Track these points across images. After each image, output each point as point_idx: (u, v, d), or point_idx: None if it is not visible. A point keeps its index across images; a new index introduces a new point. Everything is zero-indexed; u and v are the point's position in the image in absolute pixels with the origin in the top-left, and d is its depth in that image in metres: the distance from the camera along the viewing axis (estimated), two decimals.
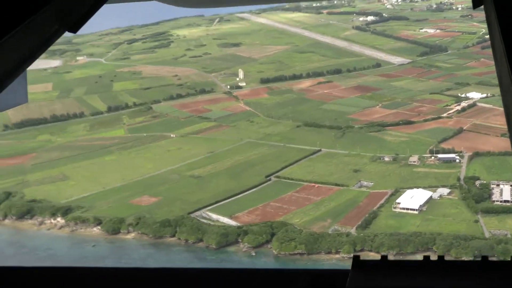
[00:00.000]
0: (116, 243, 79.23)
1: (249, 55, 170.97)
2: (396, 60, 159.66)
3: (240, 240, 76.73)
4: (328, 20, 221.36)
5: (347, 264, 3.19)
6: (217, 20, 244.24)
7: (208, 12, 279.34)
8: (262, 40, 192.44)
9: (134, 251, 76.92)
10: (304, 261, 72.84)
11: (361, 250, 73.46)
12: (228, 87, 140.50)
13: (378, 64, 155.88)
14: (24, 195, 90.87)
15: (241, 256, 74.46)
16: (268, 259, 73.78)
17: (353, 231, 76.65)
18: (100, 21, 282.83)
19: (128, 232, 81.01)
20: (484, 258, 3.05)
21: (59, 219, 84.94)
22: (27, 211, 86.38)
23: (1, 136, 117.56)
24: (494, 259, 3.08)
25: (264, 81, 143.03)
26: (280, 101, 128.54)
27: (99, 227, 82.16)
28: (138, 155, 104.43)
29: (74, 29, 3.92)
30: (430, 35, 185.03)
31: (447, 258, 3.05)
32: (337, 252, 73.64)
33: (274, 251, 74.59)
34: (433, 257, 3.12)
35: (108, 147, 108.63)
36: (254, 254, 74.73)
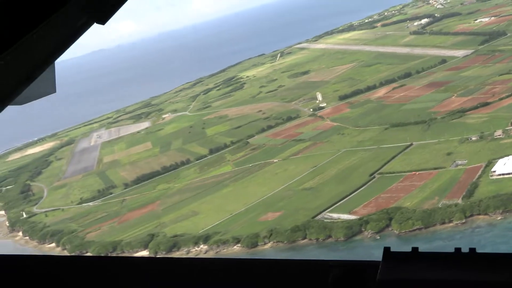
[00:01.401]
0: (257, 254, 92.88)
1: (321, 79, 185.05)
2: (459, 53, 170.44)
3: (363, 229, 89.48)
4: (384, 32, 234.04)
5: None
6: (278, 55, 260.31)
7: (268, 49, 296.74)
8: (327, 63, 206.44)
9: (273, 256, 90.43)
10: (423, 234, 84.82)
11: (471, 216, 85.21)
12: (311, 110, 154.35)
13: (443, 61, 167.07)
14: (165, 233, 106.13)
15: (367, 241, 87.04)
16: (391, 239, 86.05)
17: (459, 201, 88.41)
18: (172, 79, 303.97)
19: (265, 244, 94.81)
20: None
21: (202, 246, 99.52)
22: (173, 245, 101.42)
23: (125, 193, 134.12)
24: None
25: (342, 97, 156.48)
26: (363, 111, 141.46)
27: (238, 245, 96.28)
28: (250, 183, 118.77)
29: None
30: (486, 23, 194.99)
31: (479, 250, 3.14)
32: (450, 221, 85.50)
33: (395, 231, 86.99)
34: (464, 249, 3.15)
35: (222, 182, 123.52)
36: (378, 237, 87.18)
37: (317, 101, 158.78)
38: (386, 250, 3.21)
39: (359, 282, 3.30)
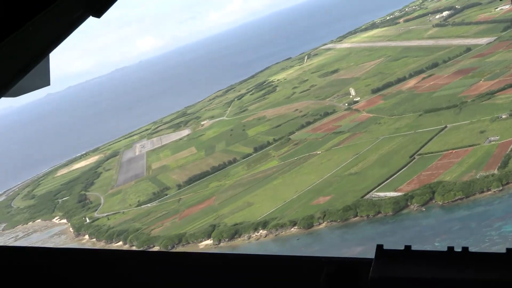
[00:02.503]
0: (314, 233, 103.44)
1: (351, 76, 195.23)
2: (483, 41, 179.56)
3: (409, 204, 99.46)
4: (407, 27, 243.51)
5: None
6: (306, 57, 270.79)
7: (292, 53, 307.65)
8: (355, 60, 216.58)
9: (330, 234, 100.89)
10: (465, 203, 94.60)
11: (507, 183, 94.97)
12: (346, 104, 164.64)
13: (468, 49, 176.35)
14: (225, 223, 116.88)
15: (414, 214, 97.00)
16: (436, 210, 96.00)
17: (495, 172, 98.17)
18: (202, 89, 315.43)
19: (320, 224, 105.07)
20: (510, 250, 3.09)
21: (261, 231, 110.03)
22: (235, 232, 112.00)
23: (180, 193, 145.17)
24: None
25: (375, 91, 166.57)
26: (396, 102, 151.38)
27: (295, 227, 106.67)
28: (298, 174, 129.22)
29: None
30: (507, 10, 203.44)
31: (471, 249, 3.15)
32: (488, 190, 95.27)
33: (439, 202, 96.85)
34: (457, 248, 3.18)
35: (270, 176, 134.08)
36: (424, 209, 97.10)
37: (351, 96, 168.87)
38: (379, 248, 3.28)
39: (352, 279, 3.40)
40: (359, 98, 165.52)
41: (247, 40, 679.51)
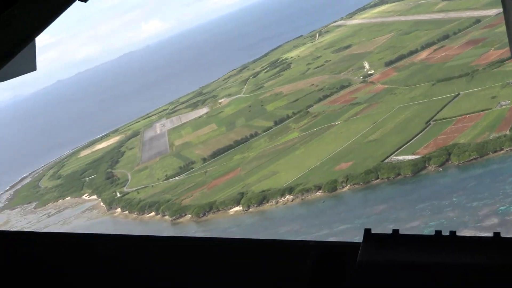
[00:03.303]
0: (338, 196, 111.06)
1: (364, 50, 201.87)
2: (492, 12, 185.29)
3: (427, 165, 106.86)
4: (416, 1, 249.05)
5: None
6: (317, 35, 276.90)
7: (305, 31, 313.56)
8: (367, 36, 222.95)
9: (354, 196, 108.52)
10: (479, 163, 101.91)
11: None
12: (361, 78, 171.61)
13: (477, 20, 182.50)
14: (253, 191, 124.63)
15: (432, 174, 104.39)
16: (452, 170, 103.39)
17: (507, 133, 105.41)
18: (214, 69, 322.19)
19: (343, 187, 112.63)
20: (496, 234, 3.13)
21: (288, 196, 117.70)
22: (263, 198, 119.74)
23: (206, 166, 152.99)
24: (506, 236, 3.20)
25: (388, 63, 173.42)
26: (409, 73, 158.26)
27: (320, 191, 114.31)
28: (319, 143, 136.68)
29: None
30: None
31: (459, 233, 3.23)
32: (501, 149, 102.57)
33: (455, 163, 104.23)
34: (445, 233, 3.21)
35: (292, 146, 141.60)
36: (441, 170, 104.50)
37: (365, 69, 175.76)
38: (367, 232, 3.31)
39: (339, 263, 3.40)
40: (373, 71, 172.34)
41: (254, 21, 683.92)
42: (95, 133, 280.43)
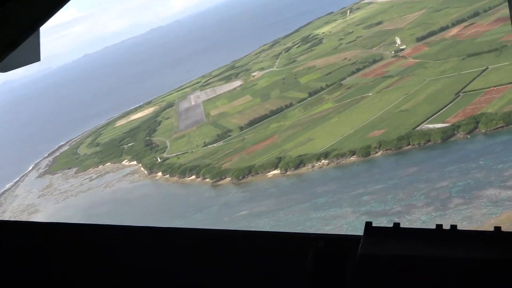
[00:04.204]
0: (371, 160, 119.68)
1: (395, 27, 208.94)
2: None
3: (456, 132, 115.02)
4: None
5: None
6: (348, 11, 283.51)
7: (335, 8, 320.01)
8: (398, 13, 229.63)
9: (386, 160, 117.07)
10: (505, 131, 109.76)
11: None
12: (393, 52, 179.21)
13: None
14: (290, 155, 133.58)
15: (461, 140, 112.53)
16: (479, 137, 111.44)
17: None
18: (245, 45, 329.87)
19: (376, 152, 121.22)
20: (497, 229, 3.15)
21: (323, 161, 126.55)
22: (300, 162, 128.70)
23: (243, 134, 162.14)
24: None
25: (419, 39, 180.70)
26: (440, 48, 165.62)
27: (354, 156, 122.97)
28: (353, 113, 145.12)
29: None
30: None
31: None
32: None
33: (482, 130, 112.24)
34: (446, 226, 3.24)
35: (327, 116, 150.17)
36: (469, 137, 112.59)
37: (397, 45, 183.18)
38: (368, 225, 3.35)
39: (340, 256, 3.43)
40: (404, 46, 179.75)
41: None
42: (128, 105, 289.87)
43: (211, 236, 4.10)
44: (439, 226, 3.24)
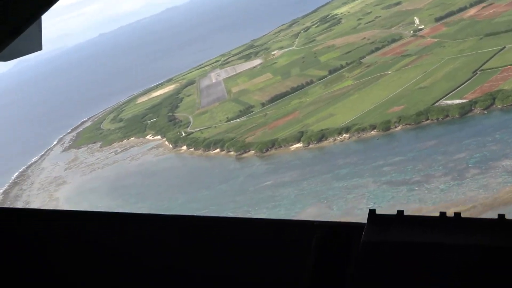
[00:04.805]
0: (391, 134, 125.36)
1: (413, 7, 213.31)
2: None
3: (473, 108, 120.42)
4: None
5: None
6: None
7: None
8: None
9: (405, 134, 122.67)
10: None
11: None
12: (412, 32, 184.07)
13: None
14: (312, 130, 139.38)
15: (478, 116, 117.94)
16: (496, 113, 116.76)
17: None
18: (263, 24, 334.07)
19: (396, 127, 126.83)
20: (501, 216, 3.16)
21: (344, 134, 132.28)
22: (321, 136, 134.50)
23: (265, 110, 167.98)
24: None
25: (438, 19, 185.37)
26: (458, 28, 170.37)
27: (374, 130, 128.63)
28: (372, 90, 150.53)
29: None
30: None
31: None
32: None
33: (498, 106, 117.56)
34: (449, 214, 3.23)
35: (347, 92, 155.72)
36: (485, 112, 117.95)
37: (415, 25, 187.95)
38: (372, 212, 3.35)
39: (344, 243, 3.47)
40: (423, 26, 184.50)
41: None
42: (147, 83, 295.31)
43: (212, 223, 4.21)
44: (442, 214, 3.28)
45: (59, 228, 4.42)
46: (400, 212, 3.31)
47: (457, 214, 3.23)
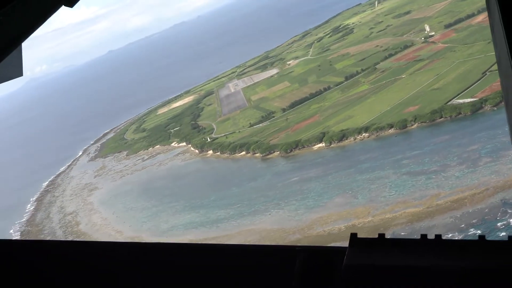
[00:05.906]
0: (408, 132, 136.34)
1: (423, 15, 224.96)
2: None
3: (484, 105, 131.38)
4: None
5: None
6: (376, 2, 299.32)
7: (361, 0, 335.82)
8: (426, 2, 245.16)
9: (422, 131, 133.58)
10: None
11: None
12: (423, 39, 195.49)
13: None
14: (333, 131, 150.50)
15: (488, 112, 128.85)
16: None
17: None
18: (275, 36, 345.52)
19: (412, 125, 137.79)
20: (482, 237, 3.20)
21: (364, 134, 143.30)
22: (342, 136, 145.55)
23: (286, 115, 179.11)
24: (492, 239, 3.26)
25: (447, 26, 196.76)
26: (467, 33, 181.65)
27: (392, 129, 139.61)
28: (388, 92, 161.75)
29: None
30: None
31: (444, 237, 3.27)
32: None
33: None
34: (430, 236, 3.27)
35: (364, 96, 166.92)
36: (495, 109, 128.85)
37: (426, 32, 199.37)
38: (353, 236, 3.40)
39: (326, 267, 3.50)
40: (433, 33, 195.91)
41: None
42: (164, 95, 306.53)
43: (198, 250, 4.31)
44: (423, 236, 3.31)
45: (51, 258, 4.56)
46: (381, 235, 3.46)
47: (438, 236, 3.34)
